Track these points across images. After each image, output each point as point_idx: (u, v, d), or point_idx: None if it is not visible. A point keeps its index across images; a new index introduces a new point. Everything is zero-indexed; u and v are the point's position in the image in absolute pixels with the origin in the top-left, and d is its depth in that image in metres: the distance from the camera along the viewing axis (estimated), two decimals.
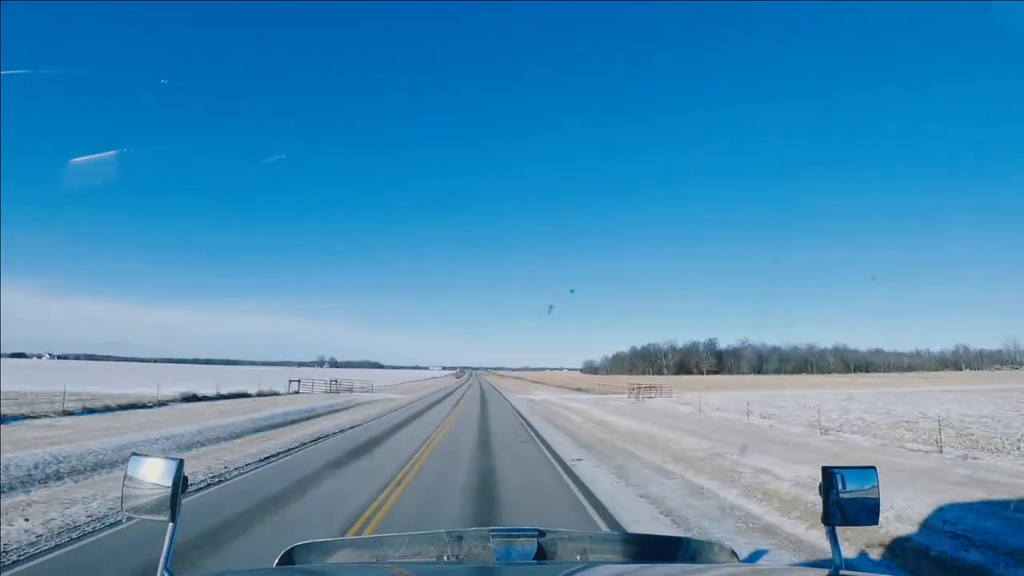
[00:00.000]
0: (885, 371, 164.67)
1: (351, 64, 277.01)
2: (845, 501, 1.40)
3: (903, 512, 6.60)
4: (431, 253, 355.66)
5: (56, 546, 5.73)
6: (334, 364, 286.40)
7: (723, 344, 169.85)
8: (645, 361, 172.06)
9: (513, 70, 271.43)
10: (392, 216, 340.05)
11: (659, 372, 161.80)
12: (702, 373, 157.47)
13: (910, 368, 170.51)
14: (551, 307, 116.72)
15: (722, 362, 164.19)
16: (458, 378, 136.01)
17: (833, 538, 1.42)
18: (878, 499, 1.43)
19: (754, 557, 5.50)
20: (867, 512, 1.41)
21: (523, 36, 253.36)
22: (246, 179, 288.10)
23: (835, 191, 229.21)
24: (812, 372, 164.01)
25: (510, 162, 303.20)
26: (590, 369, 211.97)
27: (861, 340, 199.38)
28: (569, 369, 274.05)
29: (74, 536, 6.07)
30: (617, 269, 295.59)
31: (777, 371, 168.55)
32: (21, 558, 5.35)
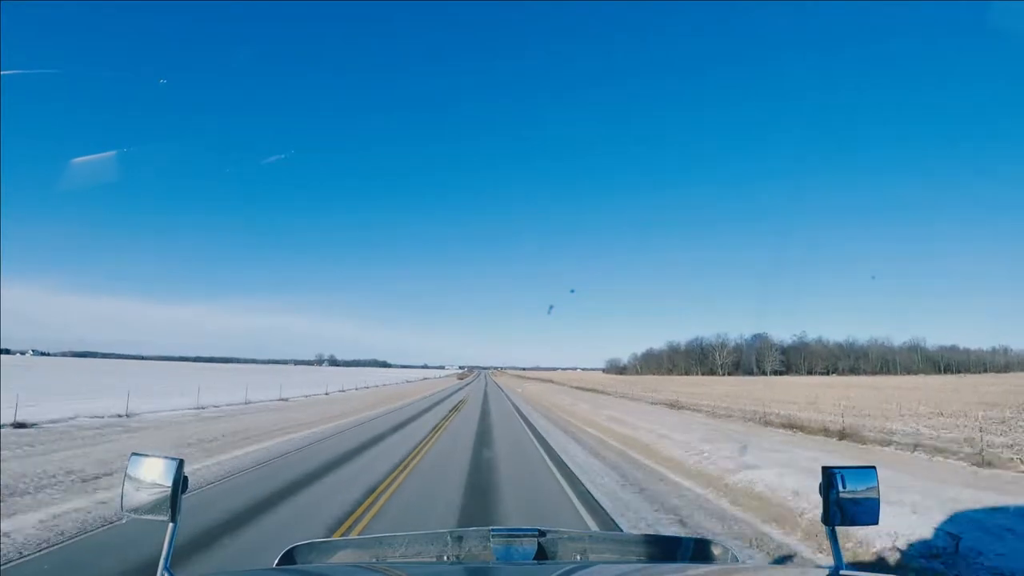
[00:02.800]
0: (978, 371, 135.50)
1: (353, 62, 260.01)
2: (845, 501, 1.36)
3: None
4: (437, 249, 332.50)
5: None
6: (334, 363, 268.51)
7: (772, 339, 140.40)
8: (690, 359, 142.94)
9: (520, 64, 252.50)
10: (398, 212, 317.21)
11: (710, 372, 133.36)
12: (765, 374, 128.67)
13: (1007, 368, 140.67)
14: (551, 307, 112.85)
15: (788, 360, 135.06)
16: (461, 379, 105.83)
17: (833, 538, 1.39)
18: (878, 499, 1.39)
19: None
20: (867, 512, 1.38)
21: (527, 31, 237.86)
22: (246, 177, 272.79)
23: (902, 174, 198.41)
24: (896, 372, 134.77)
25: (522, 154, 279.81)
26: (615, 369, 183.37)
27: (934, 336, 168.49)
28: (583, 368, 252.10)
29: None
30: (637, 262, 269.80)
31: (853, 371, 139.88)
32: None
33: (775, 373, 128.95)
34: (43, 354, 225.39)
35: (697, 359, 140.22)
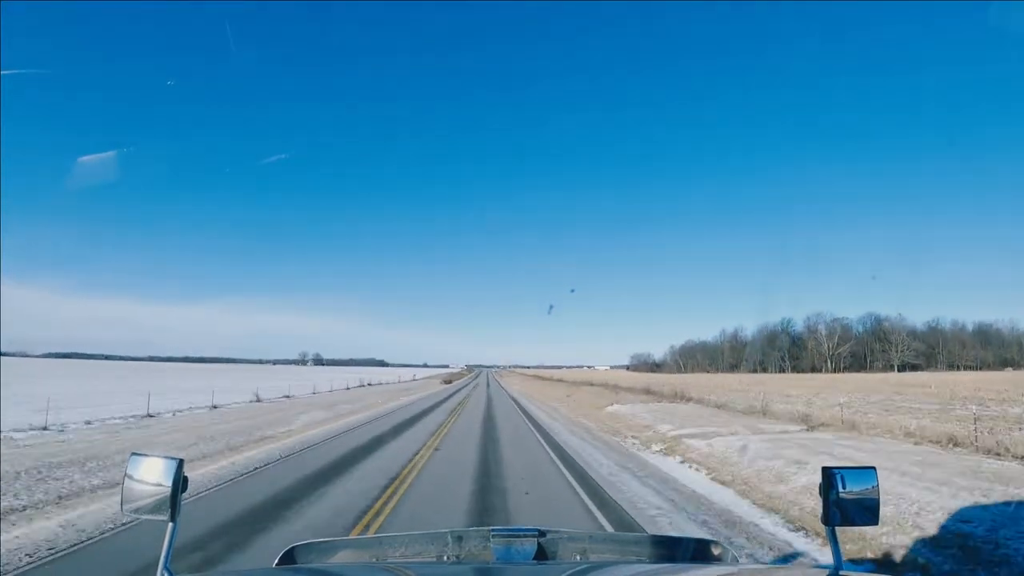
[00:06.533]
0: None
1: (349, 60, 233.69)
2: (845, 501, 1.36)
3: None
4: (435, 243, 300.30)
5: None
6: (319, 362, 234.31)
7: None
8: (770, 350, 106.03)
9: (521, 59, 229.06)
10: (398, 206, 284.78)
11: (811, 368, 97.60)
12: (893, 368, 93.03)
13: None
14: (551, 307, 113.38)
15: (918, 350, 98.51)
16: (447, 383, 67.16)
17: (833, 538, 1.39)
18: (878, 499, 1.39)
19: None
20: (867, 512, 1.37)
21: (528, 25, 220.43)
22: (243, 175, 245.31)
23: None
24: None
25: (524, 148, 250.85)
26: (645, 366, 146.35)
27: None
28: (589, 367, 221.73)
29: None
30: (653, 254, 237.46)
31: (1007, 363, 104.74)
32: None
33: (904, 368, 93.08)
34: (5, 354, 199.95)
35: (786, 350, 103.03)
